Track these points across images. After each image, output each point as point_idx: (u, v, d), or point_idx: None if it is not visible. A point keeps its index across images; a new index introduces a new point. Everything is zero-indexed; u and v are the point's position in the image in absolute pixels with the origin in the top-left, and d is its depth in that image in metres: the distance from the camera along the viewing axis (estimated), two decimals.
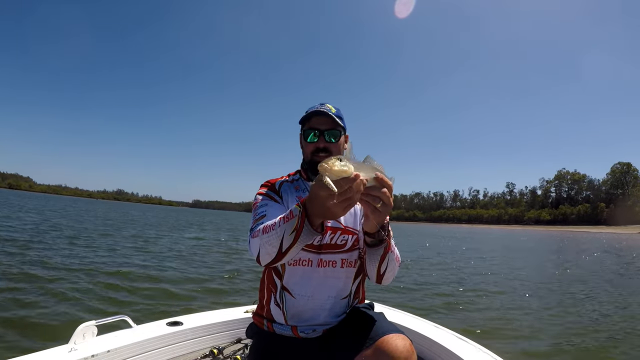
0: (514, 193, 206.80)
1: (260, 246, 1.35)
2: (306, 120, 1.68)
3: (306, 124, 1.69)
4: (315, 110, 1.64)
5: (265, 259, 1.36)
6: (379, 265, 1.47)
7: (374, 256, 1.47)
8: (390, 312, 2.79)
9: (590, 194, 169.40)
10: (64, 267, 7.78)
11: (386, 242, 1.44)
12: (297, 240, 1.25)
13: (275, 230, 1.29)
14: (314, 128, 1.65)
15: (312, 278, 1.59)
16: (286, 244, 1.27)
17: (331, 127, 1.65)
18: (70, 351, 1.83)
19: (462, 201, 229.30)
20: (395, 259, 1.54)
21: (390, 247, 1.46)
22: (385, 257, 1.46)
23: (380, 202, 1.21)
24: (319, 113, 1.63)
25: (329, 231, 1.60)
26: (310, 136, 1.66)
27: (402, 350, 1.31)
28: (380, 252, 1.45)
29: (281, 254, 1.30)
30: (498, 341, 4.95)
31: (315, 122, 1.65)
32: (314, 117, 1.65)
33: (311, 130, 1.65)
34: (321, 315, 1.61)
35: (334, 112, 1.65)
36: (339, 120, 1.64)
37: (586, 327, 5.83)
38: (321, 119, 1.64)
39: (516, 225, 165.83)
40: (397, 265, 1.56)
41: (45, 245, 10.62)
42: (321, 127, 1.64)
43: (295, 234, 1.24)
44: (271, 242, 1.30)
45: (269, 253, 1.32)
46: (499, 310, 6.81)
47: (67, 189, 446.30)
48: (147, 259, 10.11)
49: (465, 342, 2.30)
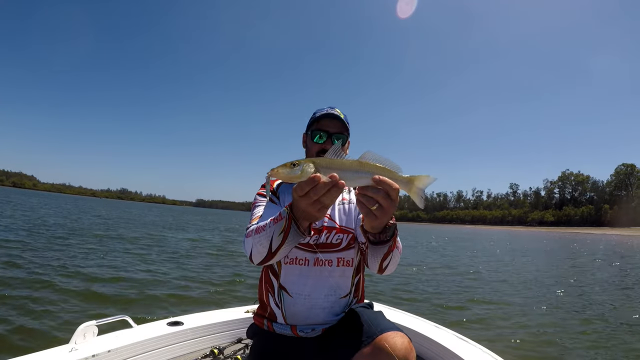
0: (517, 194, 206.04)
1: (252, 246, 1.41)
2: (315, 121, 1.73)
3: (315, 124, 1.73)
4: (328, 113, 1.69)
5: (256, 258, 1.42)
6: (381, 261, 1.44)
7: (377, 253, 1.43)
8: (390, 312, 2.78)
9: (594, 196, 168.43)
10: (64, 266, 7.80)
11: (391, 242, 1.38)
12: (285, 241, 1.30)
13: (266, 231, 1.34)
14: (323, 130, 1.70)
15: (309, 277, 1.61)
16: (275, 245, 1.32)
17: (339, 131, 1.72)
18: (71, 351, 1.83)
19: (465, 202, 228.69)
20: (399, 252, 1.49)
21: (394, 246, 1.41)
22: (388, 255, 1.42)
23: (376, 204, 1.14)
24: (330, 116, 1.69)
25: (325, 230, 1.63)
26: (317, 137, 1.71)
27: (401, 348, 1.31)
28: (384, 251, 1.40)
29: (271, 254, 1.36)
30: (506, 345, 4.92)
31: (325, 124, 1.71)
32: (325, 119, 1.71)
33: (320, 132, 1.71)
34: (320, 314, 1.62)
35: (342, 117, 1.71)
36: (347, 126, 1.72)
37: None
38: (332, 122, 1.71)
39: (519, 226, 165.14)
40: (399, 257, 1.51)
41: (44, 245, 10.65)
42: (330, 129, 1.70)
43: (283, 235, 1.29)
44: (262, 242, 1.36)
45: (260, 253, 1.38)
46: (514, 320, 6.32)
47: (71, 188, 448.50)
48: (146, 258, 10.13)
49: (465, 341, 2.29)
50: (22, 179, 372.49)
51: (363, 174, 1.12)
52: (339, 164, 1.11)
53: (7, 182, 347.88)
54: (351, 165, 1.12)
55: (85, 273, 7.33)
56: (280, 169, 1.10)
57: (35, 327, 4.30)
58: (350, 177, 1.11)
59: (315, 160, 1.11)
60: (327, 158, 1.13)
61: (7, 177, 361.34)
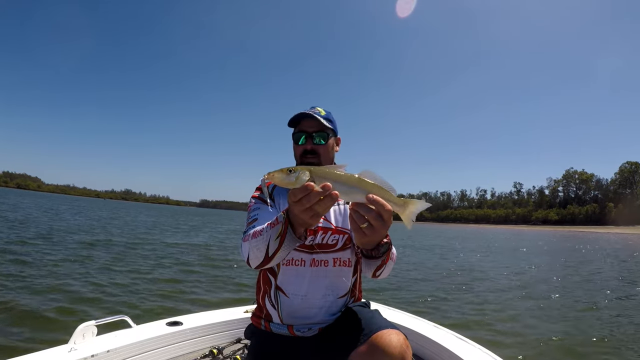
0: (521, 193, 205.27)
1: (249, 250, 1.41)
2: (296, 124, 1.73)
3: (296, 126, 1.73)
4: (302, 113, 1.69)
5: (254, 263, 1.42)
6: (374, 270, 1.50)
7: (369, 264, 1.49)
8: (387, 311, 2.78)
9: (599, 194, 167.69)
10: (63, 266, 7.84)
11: (384, 257, 1.43)
12: (281, 245, 1.30)
13: (263, 236, 1.35)
14: (302, 131, 1.70)
15: (305, 277, 1.61)
16: (272, 249, 1.32)
17: (319, 130, 1.69)
18: (70, 351, 1.84)
19: (469, 201, 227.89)
20: (393, 261, 1.54)
21: (388, 260, 1.46)
22: (381, 267, 1.48)
23: (367, 222, 1.15)
24: (305, 116, 1.68)
25: (320, 231, 1.64)
26: (299, 139, 1.71)
27: (396, 345, 1.31)
28: (377, 264, 1.46)
29: (268, 258, 1.36)
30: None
31: (303, 125, 1.71)
32: (302, 119, 1.70)
33: (300, 133, 1.70)
34: (317, 314, 1.63)
35: (323, 114, 1.71)
36: (326, 123, 1.68)
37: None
38: (309, 122, 1.70)
39: (524, 225, 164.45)
40: (393, 264, 1.57)
41: (44, 244, 10.70)
42: (309, 129, 1.69)
43: (280, 239, 1.29)
44: (258, 246, 1.36)
45: (257, 257, 1.39)
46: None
47: (75, 189, 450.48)
48: (146, 258, 10.15)
49: (462, 340, 2.29)
50: (26, 180, 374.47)
51: (358, 190, 1.12)
52: (335, 176, 1.11)
53: (12, 183, 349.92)
54: (348, 179, 1.12)
55: (85, 273, 7.37)
56: (276, 174, 1.11)
57: (35, 327, 4.32)
58: (344, 191, 1.11)
59: (311, 169, 1.11)
60: (324, 168, 1.13)
61: (11, 179, 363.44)
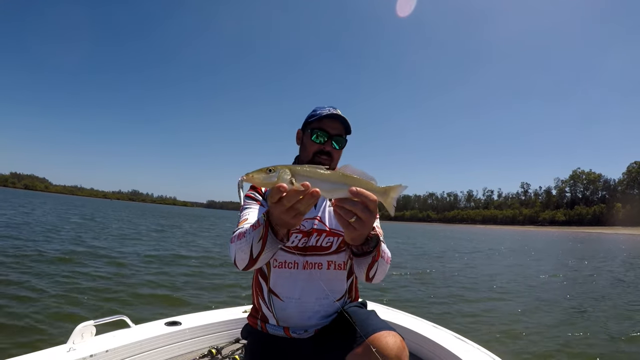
0: (528, 193, 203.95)
1: (235, 252, 1.38)
2: (317, 120, 1.65)
3: (316, 123, 1.65)
4: (331, 113, 1.62)
5: (240, 265, 1.39)
6: (367, 270, 1.44)
7: (360, 264, 1.43)
8: (384, 311, 2.76)
9: (606, 194, 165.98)
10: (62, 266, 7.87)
11: (375, 252, 1.38)
12: (264, 248, 1.27)
13: (246, 238, 1.32)
14: (323, 129, 1.63)
15: (298, 280, 1.58)
16: (255, 251, 1.30)
17: (340, 134, 1.65)
18: (69, 351, 1.85)
19: (476, 202, 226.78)
20: (386, 262, 1.49)
21: (378, 257, 1.41)
22: (373, 265, 1.42)
23: (354, 216, 1.12)
24: (333, 116, 1.62)
25: (315, 233, 1.60)
26: (315, 136, 1.64)
27: (393, 347, 1.29)
28: (368, 261, 1.40)
29: (253, 260, 1.33)
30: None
31: (327, 125, 1.64)
32: (327, 119, 1.63)
33: (320, 131, 1.63)
34: (312, 317, 1.61)
35: (346, 119, 1.65)
36: (349, 129, 1.66)
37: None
38: (334, 123, 1.64)
39: (531, 225, 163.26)
40: (387, 266, 1.51)
41: (43, 244, 10.73)
42: (332, 131, 1.63)
43: (262, 242, 1.26)
44: (243, 248, 1.33)
45: (242, 259, 1.35)
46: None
47: (83, 190, 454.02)
48: (145, 259, 10.15)
49: (461, 340, 2.28)
50: (33, 181, 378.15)
51: (340, 185, 1.10)
52: (316, 174, 1.09)
53: (19, 184, 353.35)
54: (329, 176, 1.10)
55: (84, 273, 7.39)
56: (255, 174, 1.07)
57: (33, 327, 4.33)
58: (326, 188, 1.09)
59: (292, 168, 1.08)
60: (305, 166, 1.10)
61: (19, 180, 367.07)
